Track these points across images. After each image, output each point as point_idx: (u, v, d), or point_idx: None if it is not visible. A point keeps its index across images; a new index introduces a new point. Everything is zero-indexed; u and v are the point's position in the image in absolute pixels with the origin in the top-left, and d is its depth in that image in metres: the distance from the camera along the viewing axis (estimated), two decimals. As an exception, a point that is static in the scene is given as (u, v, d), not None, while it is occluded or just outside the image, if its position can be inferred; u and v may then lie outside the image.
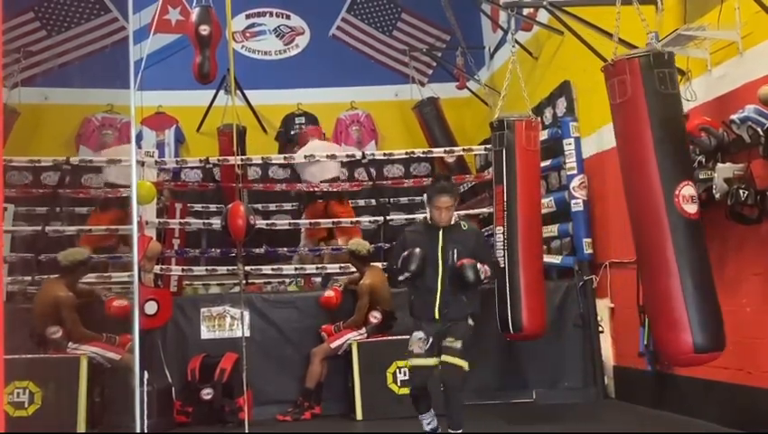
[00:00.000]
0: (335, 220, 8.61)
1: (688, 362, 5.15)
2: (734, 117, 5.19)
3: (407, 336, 5.36)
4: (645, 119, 5.03)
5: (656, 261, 5.01)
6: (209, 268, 8.42)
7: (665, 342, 5.04)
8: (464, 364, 5.13)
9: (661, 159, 4.99)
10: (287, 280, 8.93)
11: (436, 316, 5.18)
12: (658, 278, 5.00)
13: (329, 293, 7.29)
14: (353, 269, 7.56)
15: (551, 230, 7.84)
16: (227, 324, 7.33)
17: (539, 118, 7.56)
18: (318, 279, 8.85)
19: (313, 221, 8.69)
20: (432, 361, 5.16)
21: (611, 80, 5.21)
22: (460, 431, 5.11)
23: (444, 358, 5.13)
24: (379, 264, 7.85)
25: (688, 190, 4.97)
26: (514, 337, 6.46)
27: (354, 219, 8.81)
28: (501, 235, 6.45)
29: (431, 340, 5.16)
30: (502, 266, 6.34)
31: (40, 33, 11.40)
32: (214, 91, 10.93)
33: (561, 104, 8.44)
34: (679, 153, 5.09)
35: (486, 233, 9.17)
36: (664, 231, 4.93)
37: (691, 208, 4.95)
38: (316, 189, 8.74)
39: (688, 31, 5.66)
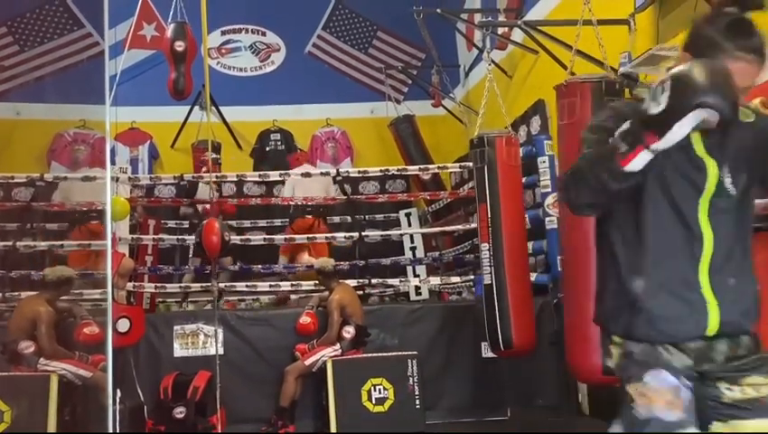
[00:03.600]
0: (311, 235, 8.60)
1: (594, 381, 5.39)
2: (705, 135, 5.23)
3: (383, 354, 5.18)
4: None
5: (581, 283, 5.01)
6: (182, 285, 8.35)
7: (576, 358, 5.15)
8: None
9: None
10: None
11: (709, 328, 2.24)
12: (580, 298, 5.02)
13: (304, 319, 7.22)
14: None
15: (526, 247, 7.87)
16: (200, 341, 7.26)
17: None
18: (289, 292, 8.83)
19: (288, 236, 8.67)
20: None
21: (561, 100, 5.33)
22: None
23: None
24: (347, 281, 7.84)
25: None
26: (504, 354, 6.44)
27: (330, 234, 8.79)
28: (487, 251, 6.46)
29: (690, 389, 2.21)
30: (489, 282, 6.33)
31: (12, 47, 11.31)
32: (189, 107, 10.90)
33: (535, 122, 8.50)
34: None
35: (462, 250, 9.27)
36: (592, 253, 5.00)
37: None
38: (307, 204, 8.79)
39: (662, 51, 5.73)
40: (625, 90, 5.30)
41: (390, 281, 8.52)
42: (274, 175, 8.94)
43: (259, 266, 8.86)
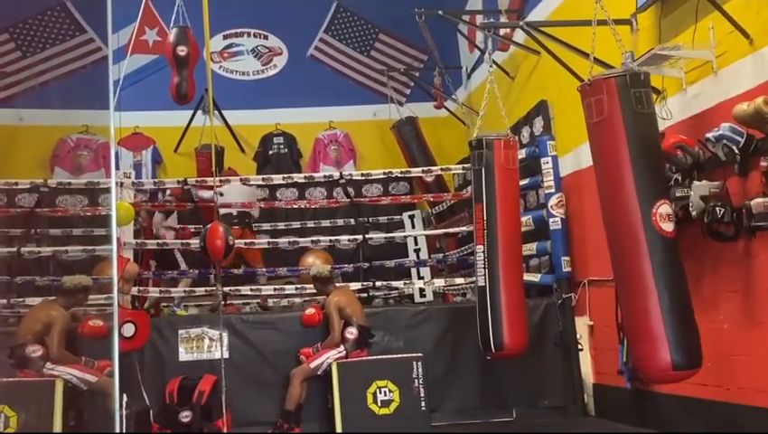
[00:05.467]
0: (314, 239, 8.63)
1: (665, 379, 5.18)
2: (709, 135, 5.24)
3: (388, 356, 5.15)
4: (622, 138, 5.07)
5: (634, 279, 5.03)
6: (187, 289, 8.36)
7: (643, 359, 5.05)
8: None
9: (638, 178, 5.03)
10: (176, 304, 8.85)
11: None
12: (636, 296, 5.02)
13: (310, 311, 7.23)
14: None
15: (530, 248, 7.86)
16: (205, 345, 7.26)
17: (517, 138, 7.61)
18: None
19: (293, 240, 8.68)
20: None
21: (587, 99, 5.26)
22: None
23: None
24: (351, 283, 7.83)
25: (664, 208, 5.03)
26: (496, 356, 6.45)
27: (334, 237, 8.80)
28: (482, 253, 6.46)
29: None
30: (482, 284, 6.32)
31: (15, 54, 11.32)
32: (192, 112, 10.91)
33: (538, 123, 8.49)
34: (655, 172, 5.14)
35: (466, 252, 9.27)
36: (642, 249, 4.96)
37: (668, 226, 5.01)
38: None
39: (664, 50, 5.72)
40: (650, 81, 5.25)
41: (395, 283, 8.51)
42: (277, 179, 8.95)
43: (263, 269, 8.87)
